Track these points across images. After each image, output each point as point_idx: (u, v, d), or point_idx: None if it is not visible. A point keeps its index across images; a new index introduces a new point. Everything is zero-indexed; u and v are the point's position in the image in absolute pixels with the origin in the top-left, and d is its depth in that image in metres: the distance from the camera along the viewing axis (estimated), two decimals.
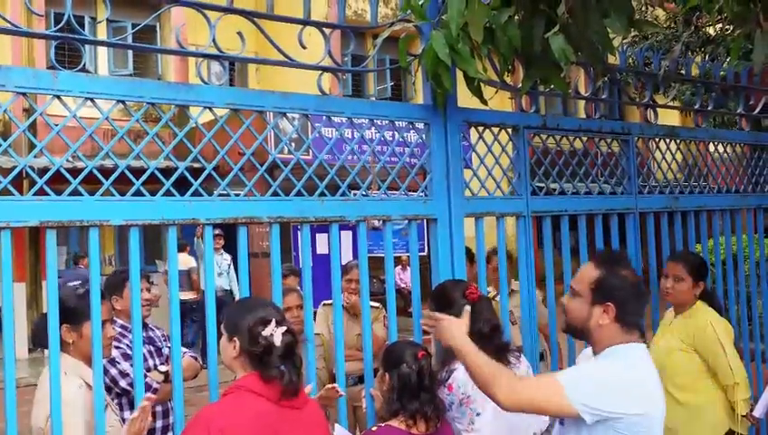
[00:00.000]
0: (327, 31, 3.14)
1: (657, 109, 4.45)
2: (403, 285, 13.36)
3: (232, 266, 11.48)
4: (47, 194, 2.44)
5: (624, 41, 4.08)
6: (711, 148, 4.78)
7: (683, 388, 3.73)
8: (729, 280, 4.65)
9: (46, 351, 2.57)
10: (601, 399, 2.29)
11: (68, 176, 2.52)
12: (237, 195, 2.85)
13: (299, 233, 10.39)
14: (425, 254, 10.43)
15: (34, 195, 2.43)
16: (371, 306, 5.28)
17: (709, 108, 4.76)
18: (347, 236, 9.09)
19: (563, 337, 3.31)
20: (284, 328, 2.35)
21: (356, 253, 9.88)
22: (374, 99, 15.13)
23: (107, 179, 2.58)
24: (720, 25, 10.64)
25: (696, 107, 4.71)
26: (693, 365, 3.75)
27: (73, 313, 2.81)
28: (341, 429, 2.89)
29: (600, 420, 2.29)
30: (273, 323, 2.34)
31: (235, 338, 2.34)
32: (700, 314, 3.80)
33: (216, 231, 10.77)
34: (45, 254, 2.52)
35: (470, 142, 3.55)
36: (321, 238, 11.16)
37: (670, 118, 11.30)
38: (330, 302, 5.27)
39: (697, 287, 3.84)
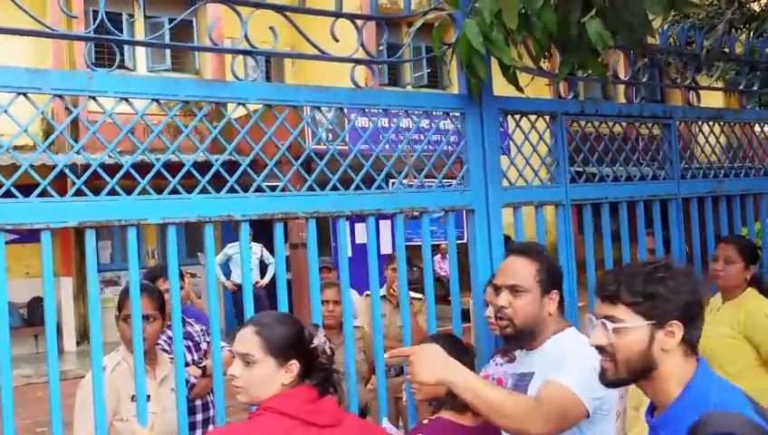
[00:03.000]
0: (359, 23, 3.12)
1: (700, 90, 4.34)
2: (443, 274, 13.31)
3: (265, 254, 11.50)
4: (85, 194, 2.47)
5: (665, 21, 3.98)
6: (757, 129, 4.66)
7: (732, 377, 3.63)
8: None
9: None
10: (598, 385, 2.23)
11: (105, 176, 2.55)
12: (273, 189, 2.84)
13: (337, 224, 10.42)
14: (464, 241, 10.38)
15: (74, 195, 2.46)
16: (414, 298, 5.32)
17: (754, 88, 4.62)
18: (386, 224, 9.08)
19: None
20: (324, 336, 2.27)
21: (395, 242, 9.80)
22: (410, 87, 15.08)
23: (142, 174, 2.60)
24: (765, 1, 10.34)
25: (741, 87, 4.58)
26: (743, 353, 3.65)
27: (118, 304, 3.11)
28: (388, 423, 2.88)
29: (596, 407, 2.25)
30: (320, 332, 2.27)
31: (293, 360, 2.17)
32: (752, 301, 3.69)
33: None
34: (96, 250, 2.56)
35: (507, 130, 3.50)
36: (360, 227, 11.21)
37: (713, 98, 11.03)
38: None
39: (748, 271, 3.73)
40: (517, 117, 3.50)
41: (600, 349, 1.84)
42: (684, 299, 1.78)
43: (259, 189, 2.82)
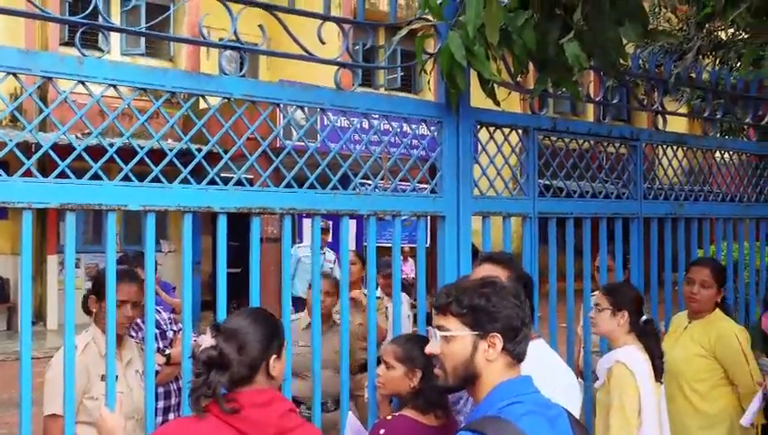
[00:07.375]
0: (346, 27, 3.19)
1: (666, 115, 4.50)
2: (403, 277, 13.38)
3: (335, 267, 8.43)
4: (68, 176, 2.50)
5: (638, 46, 4.12)
6: (717, 156, 4.84)
7: (703, 395, 3.73)
8: (728, 287, 4.71)
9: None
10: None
11: (89, 160, 2.58)
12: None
13: (303, 220, 10.20)
14: (414, 245, 10.45)
15: (56, 177, 2.49)
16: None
17: (718, 116, 4.80)
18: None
19: None
20: (213, 343, 2.06)
21: (359, 242, 9.76)
22: (383, 90, 15.16)
23: (120, 159, 2.64)
24: (732, 30, 10.64)
25: (706, 114, 4.76)
26: (711, 372, 3.73)
27: (101, 287, 2.94)
28: (354, 418, 2.96)
29: None
30: (209, 332, 2.10)
31: None
32: (721, 323, 3.79)
33: (323, 223, 9.29)
34: (57, 231, 2.59)
35: (480, 141, 3.60)
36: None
37: (677, 122, 11.29)
38: None
39: (719, 294, 3.83)
40: (491, 129, 3.61)
41: (434, 357, 2.02)
42: (505, 314, 1.95)
43: (238, 183, 2.88)
